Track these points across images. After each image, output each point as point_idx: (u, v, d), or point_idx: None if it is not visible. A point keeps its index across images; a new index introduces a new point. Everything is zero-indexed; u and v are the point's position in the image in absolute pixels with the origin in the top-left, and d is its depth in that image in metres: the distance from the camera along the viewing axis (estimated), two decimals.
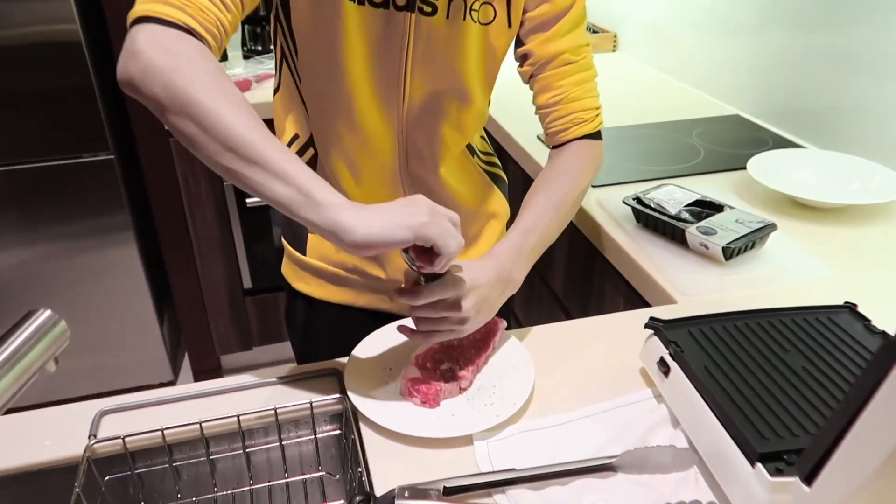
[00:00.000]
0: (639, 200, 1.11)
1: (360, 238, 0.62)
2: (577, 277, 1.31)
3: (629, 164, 1.34)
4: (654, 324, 0.77)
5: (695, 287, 0.96)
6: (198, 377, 2.22)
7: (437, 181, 0.93)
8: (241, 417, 0.74)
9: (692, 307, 0.92)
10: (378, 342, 0.85)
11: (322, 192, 0.63)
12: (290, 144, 0.91)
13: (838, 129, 1.38)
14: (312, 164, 0.91)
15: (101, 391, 2.16)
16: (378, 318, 0.98)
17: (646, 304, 1.04)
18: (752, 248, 1.02)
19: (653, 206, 1.09)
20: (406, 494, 0.63)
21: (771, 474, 0.56)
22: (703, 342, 0.74)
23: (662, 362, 0.73)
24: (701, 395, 0.67)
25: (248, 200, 1.96)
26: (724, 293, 0.95)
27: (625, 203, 1.12)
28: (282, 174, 0.64)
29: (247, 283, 2.11)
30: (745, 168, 1.31)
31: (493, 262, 0.80)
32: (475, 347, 0.81)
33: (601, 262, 1.19)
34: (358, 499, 0.63)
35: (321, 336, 1.04)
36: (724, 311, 0.78)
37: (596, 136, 0.95)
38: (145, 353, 2.14)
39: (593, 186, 1.26)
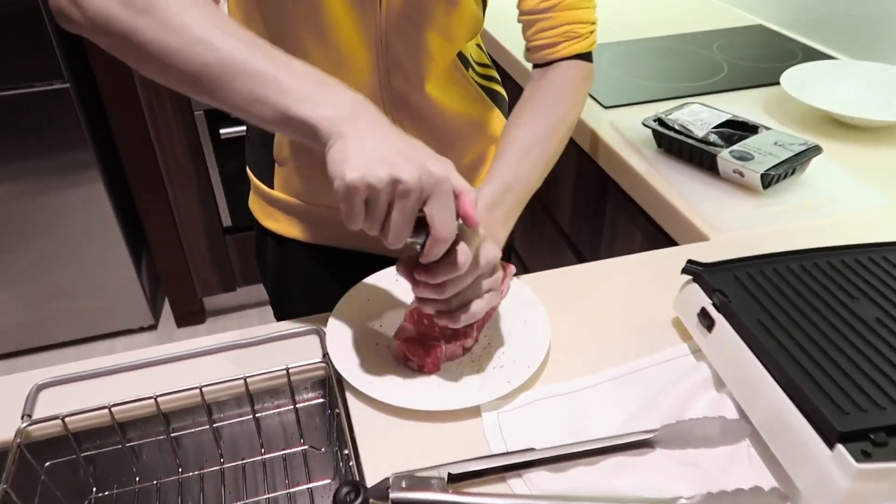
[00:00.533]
0: (661, 122, 0.97)
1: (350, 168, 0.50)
2: (586, 210, 1.18)
3: (645, 82, 1.19)
4: (693, 268, 0.65)
5: (728, 221, 0.83)
6: (180, 321, 2.11)
7: (424, 100, 0.78)
8: (203, 389, 0.63)
9: (728, 245, 0.79)
10: (366, 294, 0.72)
11: (306, 108, 0.53)
12: None
13: (872, 37, 1.23)
14: None
15: (80, 337, 2.05)
16: (362, 261, 0.86)
17: (669, 241, 0.92)
18: (791, 174, 0.89)
19: (677, 128, 0.95)
20: (403, 485, 0.52)
21: (857, 459, 0.45)
22: (753, 290, 0.61)
23: (704, 314, 0.62)
24: (756, 355, 0.56)
25: (221, 131, 1.79)
26: (763, 227, 0.82)
27: (645, 125, 0.97)
28: (257, 92, 0.53)
29: (226, 220, 1.97)
30: (775, 84, 1.16)
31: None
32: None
33: (615, 192, 1.06)
34: (344, 490, 0.52)
35: (296, 281, 0.92)
36: (774, 252, 0.66)
37: (587, 57, 0.81)
38: (123, 297, 2.02)
39: (605, 107, 1.11)
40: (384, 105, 0.77)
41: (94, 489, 0.66)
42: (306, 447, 0.69)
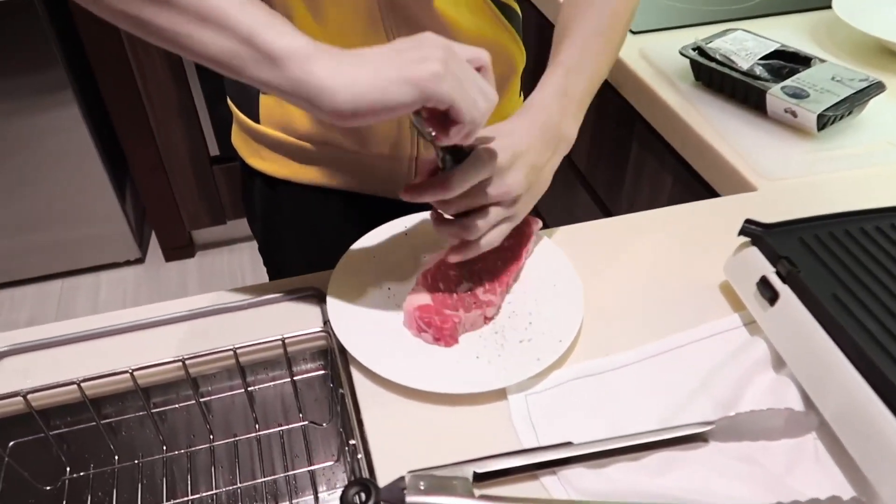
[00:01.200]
0: (700, 51, 0.86)
1: (344, 102, 0.44)
2: (606, 147, 1.08)
3: (676, 3, 1.06)
4: (752, 229, 0.56)
5: (776, 168, 0.74)
6: (168, 255, 2.02)
7: (431, 16, 0.66)
8: (187, 361, 0.55)
9: (780, 196, 0.70)
10: (371, 250, 0.63)
11: (276, 37, 0.44)
12: None
13: None
14: None
15: (64, 270, 1.96)
16: (366, 205, 0.76)
17: (706, 188, 0.83)
18: (848, 115, 0.79)
19: (719, 58, 0.84)
20: (421, 486, 0.45)
21: None
22: (824, 257, 0.53)
23: (766, 285, 0.53)
24: (831, 335, 0.48)
25: None
26: (817, 175, 0.73)
27: (682, 54, 0.86)
28: (209, 15, 0.43)
29: (213, 149, 1.84)
30: (821, 8, 1.04)
31: (536, 116, 0.58)
32: (502, 258, 0.60)
33: (642, 130, 0.96)
34: (353, 491, 0.44)
35: (288, 227, 0.82)
36: (845, 211, 0.57)
37: None
38: (106, 229, 1.92)
39: (633, 32, 1.00)
40: (385, 23, 0.65)
41: (69, 469, 0.59)
42: (306, 423, 0.62)
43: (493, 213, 0.54)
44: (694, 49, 0.86)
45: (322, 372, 0.60)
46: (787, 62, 0.83)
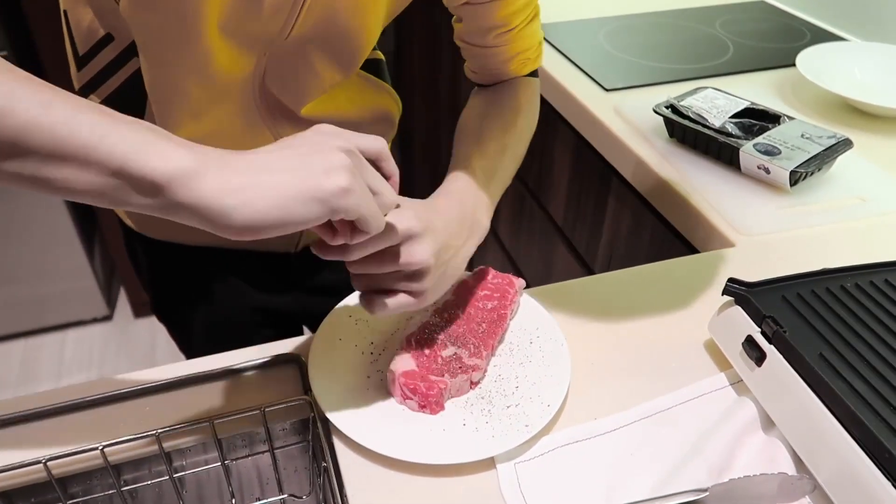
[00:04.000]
0: (673, 109, 0.88)
1: (241, 223, 0.38)
2: (584, 202, 1.09)
3: (647, 62, 1.09)
4: (736, 289, 0.56)
5: (752, 223, 0.75)
6: (137, 311, 1.98)
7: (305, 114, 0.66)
8: (161, 436, 0.52)
9: (758, 252, 0.71)
10: (353, 315, 0.62)
11: (152, 160, 0.37)
12: (99, 48, 0.60)
13: (881, 16, 1.15)
14: (137, 81, 0.60)
15: (26, 329, 1.90)
16: (256, 258, 0.75)
17: (683, 243, 0.83)
18: (818, 171, 0.81)
19: (692, 116, 0.86)
20: None
21: None
22: (808, 316, 0.53)
23: (752, 345, 0.53)
24: (820, 397, 0.48)
25: None
26: (792, 231, 0.74)
27: (656, 112, 0.88)
28: (67, 152, 0.36)
29: None
30: (785, 66, 1.08)
31: (453, 201, 0.57)
32: (487, 319, 0.60)
33: (618, 186, 0.97)
34: None
35: (176, 285, 0.79)
36: (827, 269, 0.58)
37: (535, 73, 0.75)
38: (73, 285, 1.87)
39: (606, 90, 1.02)
40: (264, 122, 0.65)
41: None
42: (285, 496, 0.59)
43: (398, 283, 0.51)
44: (667, 107, 0.88)
45: (303, 443, 0.58)
46: (757, 120, 0.86)
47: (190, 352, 0.85)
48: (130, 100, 0.61)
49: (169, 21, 0.53)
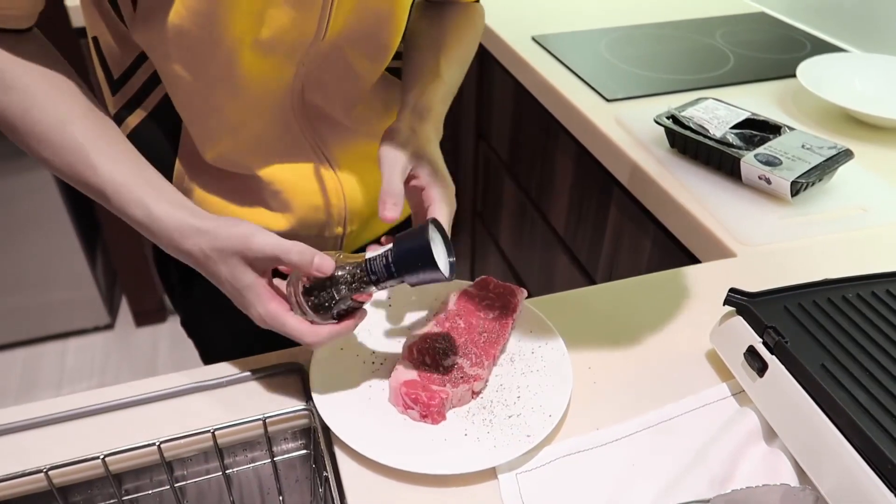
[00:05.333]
0: (674, 119, 0.88)
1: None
2: (585, 212, 1.09)
3: (648, 73, 1.10)
4: (737, 299, 0.56)
5: (753, 233, 0.75)
6: (139, 320, 1.98)
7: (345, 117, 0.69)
8: (162, 445, 0.52)
9: (760, 262, 0.71)
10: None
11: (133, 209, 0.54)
12: (134, 69, 0.62)
13: (881, 27, 1.16)
14: (167, 104, 0.62)
15: (27, 338, 1.90)
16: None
17: (684, 252, 0.83)
18: (819, 182, 0.81)
19: (693, 126, 0.86)
20: None
21: None
22: (810, 326, 0.53)
23: (754, 355, 0.53)
24: (823, 408, 0.48)
25: None
26: (793, 241, 0.74)
27: (657, 123, 0.88)
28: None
29: None
30: (785, 77, 1.09)
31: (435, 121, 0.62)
32: (489, 329, 0.60)
33: (620, 196, 0.97)
34: None
35: (207, 303, 0.78)
36: (828, 279, 0.58)
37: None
38: (75, 293, 1.87)
39: (607, 100, 1.02)
40: (298, 123, 0.66)
41: None
42: None
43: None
44: (668, 117, 0.89)
45: (304, 452, 0.57)
46: (757, 130, 0.86)
47: (212, 362, 0.86)
48: (166, 119, 0.63)
49: (201, 42, 0.54)
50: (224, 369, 0.59)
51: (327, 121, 0.67)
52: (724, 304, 0.56)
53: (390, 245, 0.49)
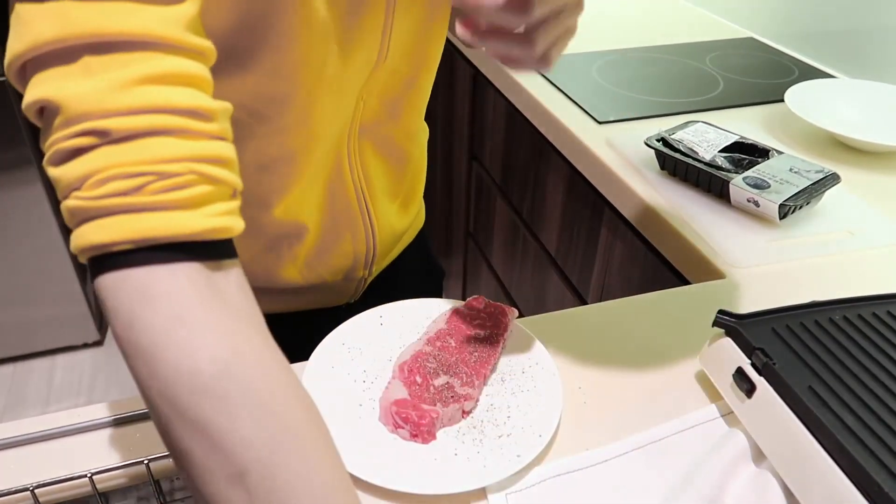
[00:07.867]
0: (664, 142, 0.89)
1: None
2: (576, 233, 1.10)
3: (639, 96, 1.11)
4: (726, 320, 0.56)
5: (742, 255, 0.76)
6: None
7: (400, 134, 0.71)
8: (150, 464, 0.52)
9: (748, 284, 0.72)
10: (345, 343, 0.62)
11: None
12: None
13: (869, 54, 1.18)
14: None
15: (17, 353, 1.89)
16: (306, 317, 0.75)
17: (674, 273, 0.84)
18: (806, 205, 0.82)
19: (682, 149, 0.87)
20: None
21: None
22: (798, 348, 0.54)
23: (743, 376, 0.54)
24: (811, 430, 0.48)
25: None
26: (781, 263, 0.75)
27: (648, 145, 0.90)
28: None
29: None
30: (773, 101, 1.10)
31: None
32: (479, 348, 0.60)
33: (611, 217, 0.98)
34: None
35: None
36: (817, 301, 0.58)
37: None
38: (65, 309, 1.86)
39: (598, 122, 1.03)
40: (349, 152, 0.67)
41: None
42: None
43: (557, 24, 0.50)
44: (658, 140, 0.90)
45: None
46: (746, 154, 0.87)
47: None
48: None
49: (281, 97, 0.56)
50: None
51: (384, 151, 0.68)
52: (712, 326, 0.57)
53: None
